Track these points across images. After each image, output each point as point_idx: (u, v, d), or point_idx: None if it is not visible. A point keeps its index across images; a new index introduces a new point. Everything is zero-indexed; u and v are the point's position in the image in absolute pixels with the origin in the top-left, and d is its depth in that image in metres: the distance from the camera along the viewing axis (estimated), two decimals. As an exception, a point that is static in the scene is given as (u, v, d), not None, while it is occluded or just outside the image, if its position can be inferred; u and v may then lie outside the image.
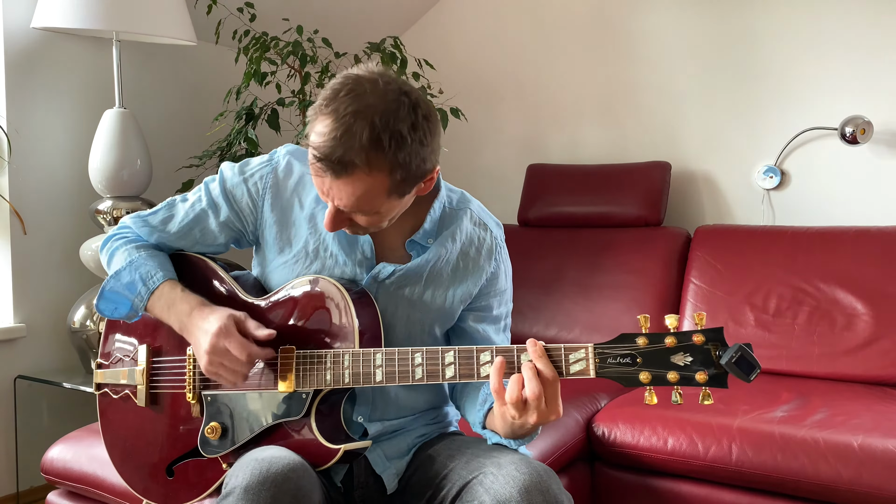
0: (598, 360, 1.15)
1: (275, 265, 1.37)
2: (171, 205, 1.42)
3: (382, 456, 1.35)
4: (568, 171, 2.94)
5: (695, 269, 2.55)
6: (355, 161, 1.13)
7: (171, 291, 1.34)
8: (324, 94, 1.18)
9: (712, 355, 1.12)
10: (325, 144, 1.14)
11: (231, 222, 1.38)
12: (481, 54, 3.33)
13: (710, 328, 1.13)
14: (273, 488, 1.10)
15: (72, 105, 2.54)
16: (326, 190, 1.19)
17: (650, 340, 1.14)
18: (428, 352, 1.21)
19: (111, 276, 1.38)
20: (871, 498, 1.69)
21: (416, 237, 1.34)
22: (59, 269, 2.51)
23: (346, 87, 1.16)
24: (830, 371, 2.26)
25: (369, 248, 1.34)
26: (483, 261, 1.38)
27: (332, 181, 1.16)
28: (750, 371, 1.08)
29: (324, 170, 1.15)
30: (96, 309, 1.39)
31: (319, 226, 1.34)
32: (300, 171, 1.37)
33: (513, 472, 1.16)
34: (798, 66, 2.72)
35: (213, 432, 1.32)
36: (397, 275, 1.33)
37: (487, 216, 1.43)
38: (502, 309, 1.44)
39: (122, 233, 1.43)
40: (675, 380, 1.13)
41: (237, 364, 1.24)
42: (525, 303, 2.68)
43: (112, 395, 1.46)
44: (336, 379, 1.24)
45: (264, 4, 2.74)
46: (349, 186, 1.16)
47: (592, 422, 2.02)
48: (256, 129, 2.65)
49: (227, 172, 1.38)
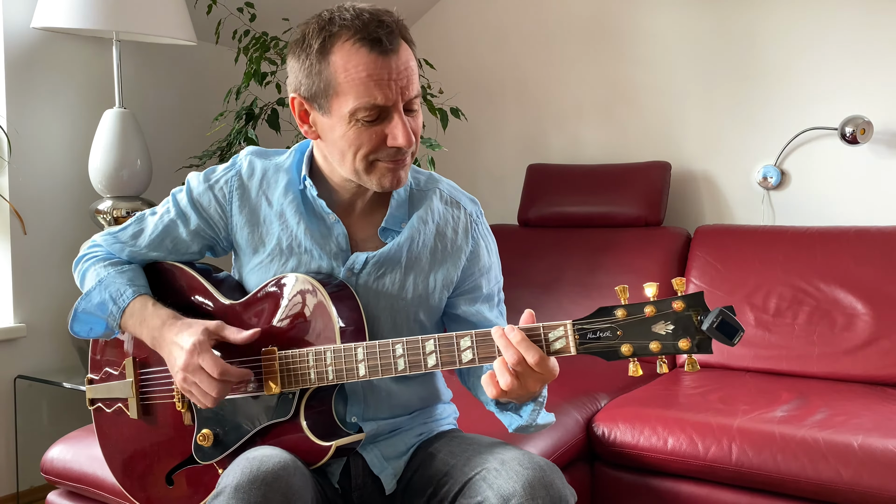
0: (578, 336, 1.13)
1: (251, 266, 1.37)
2: (141, 219, 1.42)
3: (380, 456, 1.34)
4: (568, 171, 2.94)
5: (695, 269, 2.55)
6: (393, 21, 1.21)
7: (142, 308, 1.34)
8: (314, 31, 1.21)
9: (694, 321, 1.09)
10: (369, 26, 1.18)
11: (202, 230, 1.38)
12: (481, 54, 3.33)
13: (689, 294, 1.09)
14: (263, 486, 1.10)
15: (72, 105, 2.54)
16: (395, 78, 1.18)
17: (629, 312, 1.12)
18: (408, 342, 1.20)
19: (82, 296, 1.38)
20: (871, 498, 1.68)
21: (387, 223, 1.33)
22: (59, 269, 2.51)
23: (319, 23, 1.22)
24: (830, 371, 2.26)
25: (344, 238, 1.33)
26: (461, 240, 1.37)
27: (395, 59, 1.18)
28: (733, 334, 1.05)
29: (383, 50, 1.17)
30: (71, 331, 1.40)
31: (290, 221, 1.33)
32: (263, 168, 1.36)
33: (516, 468, 1.16)
34: (798, 66, 2.72)
35: (205, 439, 1.32)
36: (371, 263, 1.31)
37: (460, 193, 1.42)
38: (493, 286, 1.42)
39: (92, 252, 1.44)
40: (657, 349, 1.11)
41: (210, 383, 1.23)
42: (525, 303, 2.67)
43: (105, 409, 1.46)
44: (320, 377, 1.24)
45: (264, 4, 2.74)
46: (405, 54, 1.20)
47: (592, 422, 2.02)
48: (256, 129, 2.65)
49: (192, 182, 1.38)
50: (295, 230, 1.33)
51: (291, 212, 1.33)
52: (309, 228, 1.33)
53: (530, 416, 1.27)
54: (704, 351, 1.09)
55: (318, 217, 1.34)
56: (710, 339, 1.09)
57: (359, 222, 1.35)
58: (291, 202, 1.34)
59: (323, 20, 1.20)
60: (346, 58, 1.17)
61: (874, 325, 2.25)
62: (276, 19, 2.78)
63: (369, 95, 1.17)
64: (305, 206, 1.34)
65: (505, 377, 1.13)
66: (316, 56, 1.19)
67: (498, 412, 1.32)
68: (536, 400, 1.27)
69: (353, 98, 1.17)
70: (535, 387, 1.15)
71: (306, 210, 1.34)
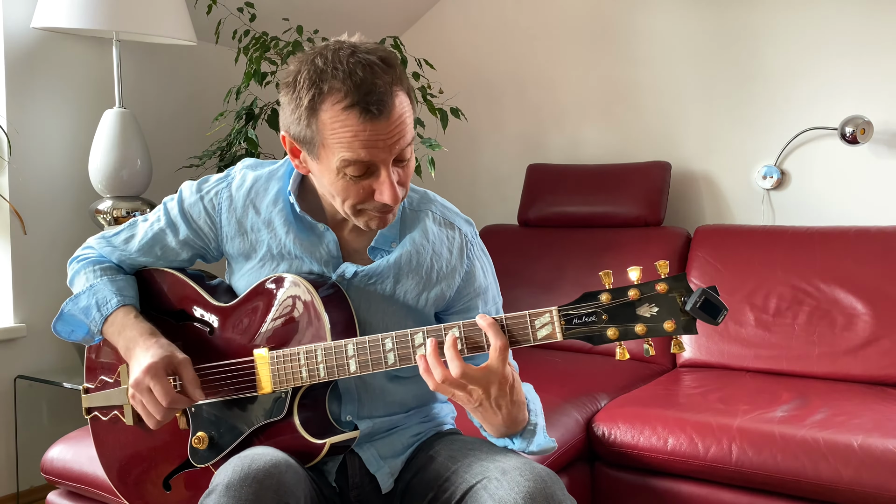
0: (564, 322, 1.14)
1: (243, 272, 1.38)
2: (133, 225, 1.44)
3: (376, 455, 1.34)
4: (568, 171, 2.94)
5: (695, 269, 2.55)
6: (386, 82, 1.15)
7: (124, 317, 1.36)
8: (310, 76, 1.17)
9: (678, 303, 1.10)
10: (359, 86, 1.13)
11: (190, 240, 1.39)
12: (481, 54, 3.33)
13: (672, 276, 1.10)
14: (255, 484, 1.10)
15: (72, 105, 2.54)
16: (385, 138, 1.16)
17: (613, 295, 1.12)
18: (397, 336, 1.21)
19: (70, 298, 1.41)
20: (871, 498, 1.69)
21: (377, 243, 1.33)
22: (59, 269, 2.50)
23: (314, 65, 1.18)
24: (830, 371, 2.26)
25: (335, 245, 1.33)
26: (455, 261, 1.37)
27: (385, 121, 1.15)
28: (717, 314, 1.06)
29: (373, 114, 1.14)
30: (53, 330, 1.42)
31: (278, 230, 1.33)
32: (254, 178, 1.37)
33: (517, 478, 1.16)
34: (798, 66, 2.72)
35: (200, 442, 1.32)
36: (361, 275, 1.32)
37: (454, 214, 1.41)
38: (490, 307, 1.42)
39: (84, 254, 1.46)
40: (643, 332, 1.11)
41: (155, 406, 1.25)
42: (525, 303, 2.68)
43: (102, 417, 1.46)
44: (312, 374, 1.24)
45: (264, 4, 2.74)
46: (397, 110, 1.16)
47: (592, 422, 2.02)
48: (256, 129, 2.65)
49: (185, 192, 1.39)
50: (283, 239, 1.33)
51: (280, 221, 1.34)
52: (298, 237, 1.33)
53: (520, 446, 1.31)
54: (689, 332, 1.10)
55: (308, 226, 1.34)
56: (694, 320, 1.09)
57: (349, 234, 1.35)
58: (280, 211, 1.34)
59: (315, 71, 1.16)
60: (334, 118, 1.15)
61: (874, 325, 2.25)
62: (276, 19, 2.78)
63: (356, 154, 1.16)
64: (294, 214, 1.34)
65: (454, 363, 1.15)
66: (306, 110, 1.17)
67: (492, 440, 1.34)
68: (525, 429, 1.29)
69: (341, 154, 1.16)
70: (482, 394, 1.18)
71: (295, 219, 1.34)
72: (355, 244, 1.35)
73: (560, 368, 2.35)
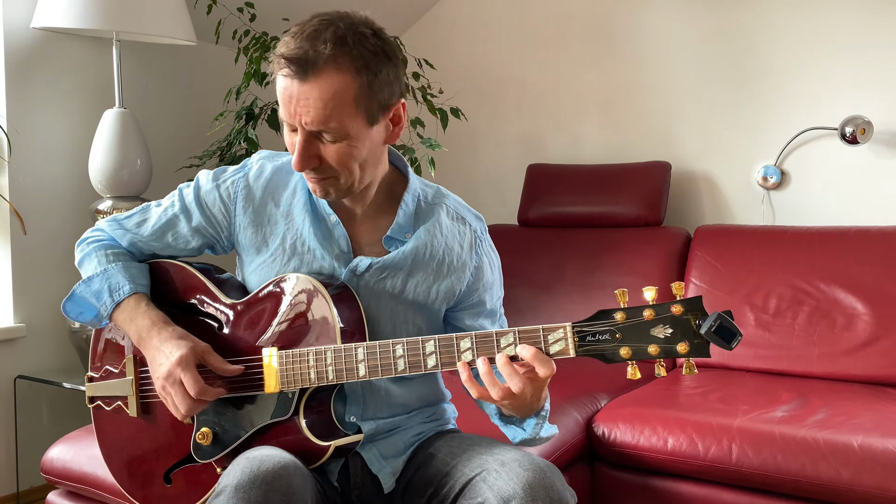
0: (577, 338, 1.15)
1: (254, 266, 1.38)
2: (146, 209, 1.44)
3: (378, 455, 1.35)
4: (568, 171, 2.94)
5: (695, 269, 2.55)
6: (322, 54, 1.16)
7: (135, 305, 1.35)
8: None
9: (692, 325, 1.10)
10: (292, 48, 1.17)
11: (203, 228, 1.39)
12: (481, 54, 3.33)
13: (688, 298, 1.11)
14: (264, 486, 1.10)
15: (72, 105, 2.54)
16: (294, 103, 1.19)
17: (628, 315, 1.13)
18: (408, 342, 1.21)
19: (83, 280, 1.40)
20: (871, 498, 1.69)
21: (392, 232, 1.34)
22: (59, 269, 2.51)
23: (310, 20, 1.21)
24: (830, 371, 2.26)
25: (345, 242, 1.34)
26: (466, 255, 1.38)
27: (298, 87, 1.18)
28: (731, 339, 1.07)
29: (291, 73, 1.17)
30: (62, 309, 1.42)
31: (297, 220, 1.35)
32: (273, 169, 1.38)
33: (516, 469, 1.16)
34: (798, 66, 2.72)
35: (204, 437, 1.32)
36: (375, 267, 1.32)
37: (465, 210, 1.43)
38: (495, 302, 1.45)
39: (94, 236, 1.45)
40: (656, 353, 1.12)
41: (184, 399, 1.26)
42: (525, 303, 2.68)
43: (105, 407, 1.46)
44: (320, 376, 1.24)
45: (264, 4, 2.74)
46: (316, 89, 1.17)
47: (592, 422, 2.02)
48: (256, 129, 2.65)
49: (202, 179, 1.40)
50: (301, 228, 1.34)
51: (298, 210, 1.35)
52: (314, 228, 1.34)
53: (533, 429, 1.31)
54: (702, 355, 1.11)
55: (321, 218, 1.35)
56: (707, 343, 1.10)
57: (361, 227, 1.36)
58: (299, 201, 1.36)
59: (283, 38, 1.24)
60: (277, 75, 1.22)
61: (874, 325, 2.25)
62: (276, 19, 2.78)
63: (281, 108, 1.23)
64: (312, 205, 1.35)
65: (515, 381, 1.16)
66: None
67: (502, 425, 1.35)
68: (539, 414, 1.30)
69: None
70: (539, 393, 1.19)
71: (312, 210, 1.35)
72: (367, 237, 1.36)
73: (560, 368, 2.33)
